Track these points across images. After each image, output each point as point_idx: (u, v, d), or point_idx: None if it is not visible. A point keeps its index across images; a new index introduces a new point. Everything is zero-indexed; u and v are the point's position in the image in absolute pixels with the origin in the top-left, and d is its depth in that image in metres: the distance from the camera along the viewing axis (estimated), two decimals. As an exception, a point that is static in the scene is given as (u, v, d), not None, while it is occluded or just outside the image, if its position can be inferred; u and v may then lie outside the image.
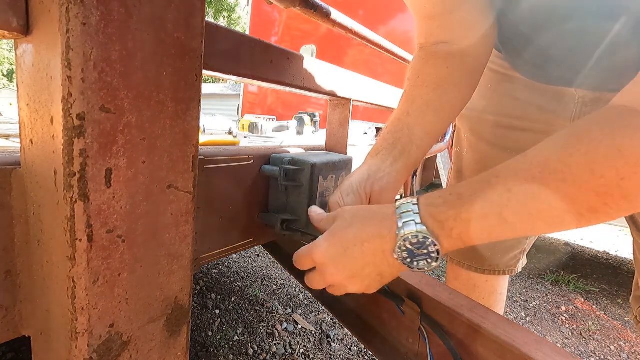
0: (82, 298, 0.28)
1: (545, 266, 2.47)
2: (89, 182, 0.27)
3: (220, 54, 0.46)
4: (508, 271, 0.86)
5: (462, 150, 0.86)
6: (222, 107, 11.31)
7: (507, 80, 0.74)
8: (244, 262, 2.12)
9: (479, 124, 0.80)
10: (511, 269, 0.86)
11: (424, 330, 0.56)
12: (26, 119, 0.30)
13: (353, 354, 1.38)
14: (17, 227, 0.32)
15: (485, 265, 0.85)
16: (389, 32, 2.65)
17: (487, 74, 0.78)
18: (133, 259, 0.31)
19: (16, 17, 0.27)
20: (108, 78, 0.27)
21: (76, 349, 0.29)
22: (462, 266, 0.87)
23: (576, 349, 1.59)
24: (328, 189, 0.62)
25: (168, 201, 0.33)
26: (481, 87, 0.79)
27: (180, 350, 0.38)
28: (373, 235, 0.40)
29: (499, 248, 0.83)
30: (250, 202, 0.58)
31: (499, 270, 0.85)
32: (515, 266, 0.86)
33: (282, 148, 0.68)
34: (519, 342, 0.46)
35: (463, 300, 0.55)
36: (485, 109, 0.78)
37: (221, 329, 1.45)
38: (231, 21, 18.88)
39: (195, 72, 0.33)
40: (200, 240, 0.50)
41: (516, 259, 0.86)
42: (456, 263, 0.89)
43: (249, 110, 3.60)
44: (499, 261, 0.84)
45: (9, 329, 0.34)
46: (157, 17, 0.29)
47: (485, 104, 0.78)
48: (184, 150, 0.34)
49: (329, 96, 0.72)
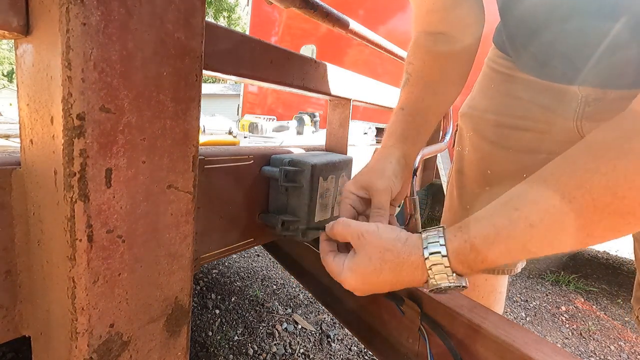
0: (82, 298, 0.28)
1: (545, 266, 2.47)
2: (89, 182, 0.27)
3: (220, 54, 0.46)
4: (507, 271, 0.86)
5: (464, 149, 0.85)
6: (222, 107, 11.31)
7: (510, 81, 0.74)
8: (244, 262, 2.12)
9: (481, 123, 0.80)
10: (510, 268, 0.86)
11: (424, 330, 0.56)
12: (26, 119, 0.30)
13: (353, 354, 1.38)
14: (17, 227, 0.32)
15: None
16: (388, 32, 2.65)
17: (489, 74, 0.79)
18: (133, 259, 0.31)
19: (16, 17, 0.27)
20: (108, 78, 0.27)
21: (76, 349, 0.29)
22: None
23: (576, 349, 1.59)
24: (328, 190, 0.62)
25: (168, 201, 0.33)
26: (484, 87, 0.80)
27: (180, 350, 0.38)
28: (404, 282, 0.43)
29: None
30: (250, 202, 0.58)
31: (497, 270, 0.85)
32: (514, 266, 0.86)
33: (282, 148, 0.68)
34: (519, 342, 0.46)
35: (463, 300, 0.55)
36: (488, 108, 0.78)
37: (221, 329, 1.45)
38: (231, 21, 18.88)
39: (195, 72, 0.33)
40: (200, 240, 0.50)
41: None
42: None
43: (249, 110, 3.60)
44: None
45: (9, 329, 0.34)
46: (157, 17, 0.29)
47: (487, 103, 0.78)
48: (184, 150, 0.34)
49: (329, 96, 0.72)
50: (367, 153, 0.94)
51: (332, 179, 0.63)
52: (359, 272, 0.44)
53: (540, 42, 0.59)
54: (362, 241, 0.44)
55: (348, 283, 0.45)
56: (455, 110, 1.69)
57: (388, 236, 0.44)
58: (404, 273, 0.42)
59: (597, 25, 0.49)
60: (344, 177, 0.67)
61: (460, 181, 0.86)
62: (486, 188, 0.79)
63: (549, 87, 0.67)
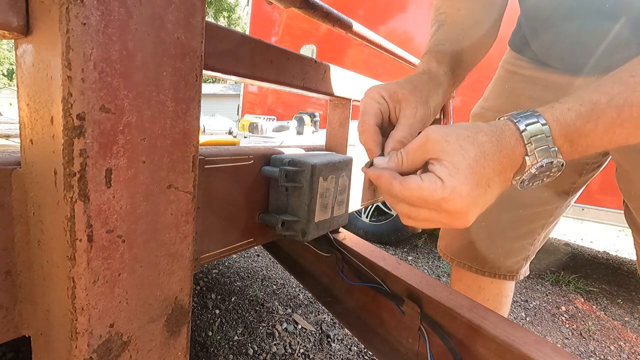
0: (82, 298, 0.28)
1: (545, 266, 2.47)
2: (89, 182, 0.27)
3: (220, 54, 0.46)
4: (509, 276, 0.86)
5: None
6: (222, 107, 11.32)
7: (522, 80, 0.75)
8: (244, 262, 2.12)
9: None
10: (512, 274, 0.86)
11: (424, 330, 0.56)
12: (26, 119, 0.30)
13: (353, 354, 1.38)
14: (17, 227, 0.32)
15: (487, 267, 0.85)
16: (388, 31, 2.65)
17: (503, 75, 0.80)
18: (133, 259, 0.31)
19: (16, 17, 0.27)
20: (108, 78, 0.27)
21: (76, 349, 0.29)
22: (464, 267, 0.87)
23: (576, 349, 1.59)
24: (328, 190, 0.62)
25: (168, 201, 0.33)
26: (497, 88, 0.81)
27: (180, 350, 0.38)
28: (507, 167, 0.35)
29: (502, 251, 0.83)
30: (250, 202, 0.58)
31: (500, 274, 0.85)
32: (517, 272, 0.86)
33: (282, 148, 0.68)
34: (519, 342, 0.46)
35: (463, 300, 0.55)
36: (500, 108, 0.79)
37: (221, 329, 1.45)
38: (231, 21, 18.88)
39: (195, 72, 0.33)
40: (200, 240, 0.50)
41: (519, 264, 0.85)
42: (457, 264, 0.89)
43: (249, 110, 3.60)
44: (501, 264, 0.84)
45: (9, 329, 0.34)
46: (157, 17, 0.29)
47: (499, 103, 0.79)
48: (184, 150, 0.34)
49: (329, 96, 0.72)
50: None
51: (332, 179, 0.63)
52: (462, 171, 0.34)
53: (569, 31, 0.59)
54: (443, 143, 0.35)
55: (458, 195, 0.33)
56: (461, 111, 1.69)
57: (467, 125, 0.36)
58: (504, 152, 0.34)
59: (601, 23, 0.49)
60: (344, 177, 0.67)
61: None
62: None
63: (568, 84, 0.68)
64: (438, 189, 0.34)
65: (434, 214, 0.36)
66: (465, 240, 0.86)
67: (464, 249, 0.87)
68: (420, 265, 2.34)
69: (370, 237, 2.58)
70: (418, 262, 2.40)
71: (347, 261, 0.79)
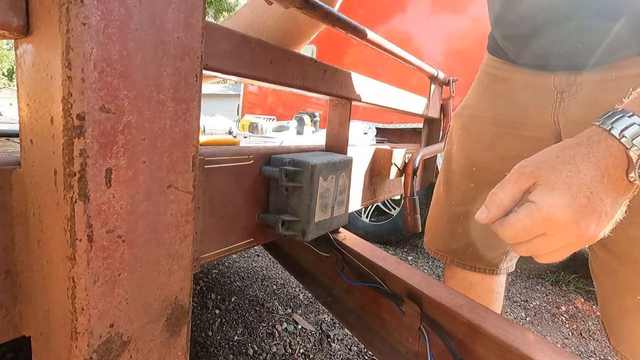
0: (82, 298, 0.28)
1: (545, 266, 2.47)
2: (89, 182, 0.27)
3: (220, 54, 0.46)
4: (489, 270, 0.86)
5: (452, 147, 0.90)
6: (222, 107, 11.31)
7: (498, 81, 0.78)
8: (244, 262, 2.12)
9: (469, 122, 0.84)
10: (493, 268, 0.86)
11: (424, 330, 0.56)
12: (26, 119, 0.30)
13: (353, 354, 1.38)
14: (17, 227, 0.32)
15: (467, 260, 0.86)
16: (388, 31, 2.65)
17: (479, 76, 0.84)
18: (133, 259, 0.31)
19: (16, 17, 0.27)
20: (108, 78, 0.27)
21: (76, 349, 0.29)
22: (447, 260, 0.89)
23: (576, 349, 1.59)
24: (328, 190, 0.62)
25: (168, 201, 0.33)
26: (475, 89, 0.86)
27: (180, 350, 0.38)
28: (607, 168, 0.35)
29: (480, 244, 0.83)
30: (250, 202, 0.58)
31: (481, 267, 0.86)
32: (497, 266, 0.86)
33: (282, 148, 0.68)
34: (519, 342, 0.46)
35: (463, 300, 0.55)
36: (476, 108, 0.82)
37: (221, 329, 1.45)
38: (231, 21, 18.84)
39: (195, 72, 0.33)
40: (200, 240, 0.50)
41: (499, 258, 0.86)
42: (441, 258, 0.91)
43: (249, 110, 3.60)
44: (481, 258, 0.85)
45: (9, 329, 0.34)
46: (157, 17, 0.29)
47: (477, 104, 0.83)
48: (184, 150, 0.34)
49: (329, 96, 0.72)
50: (367, 153, 0.94)
51: (332, 179, 0.63)
52: (557, 188, 0.34)
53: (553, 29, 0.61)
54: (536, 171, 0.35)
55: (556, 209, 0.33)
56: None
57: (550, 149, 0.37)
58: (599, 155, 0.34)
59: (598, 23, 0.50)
60: (344, 177, 0.67)
61: (448, 177, 0.89)
62: (471, 185, 0.82)
63: (529, 85, 0.71)
64: (534, 211, 0.34)
65: (550, 239, 0.36)
66: (445, 233, 0.88)
67: (446, 243, 0.89)
68: (420, 265, 2.34)
69: (370, 237, 2.58)
70: (418, 262, 2.40)
71: (347, 261, 0.79)
